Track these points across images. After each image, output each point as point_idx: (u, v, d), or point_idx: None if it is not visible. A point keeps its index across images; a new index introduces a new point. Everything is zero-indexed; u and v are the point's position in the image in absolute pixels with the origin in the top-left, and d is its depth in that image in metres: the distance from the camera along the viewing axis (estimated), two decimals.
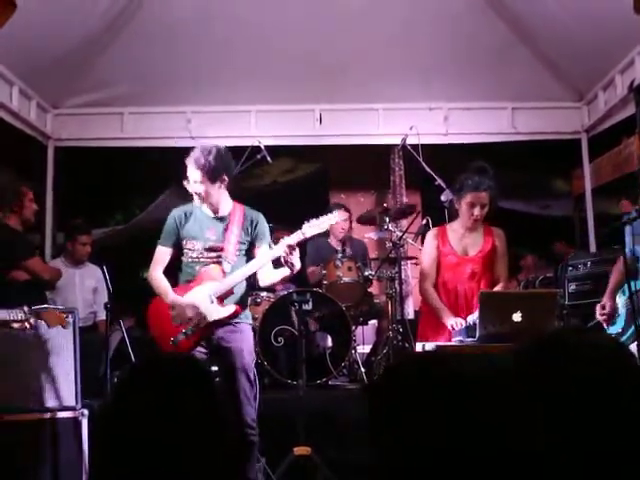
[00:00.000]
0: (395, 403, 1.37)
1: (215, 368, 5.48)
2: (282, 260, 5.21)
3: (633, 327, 5.00)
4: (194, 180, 5.28)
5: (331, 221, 5.61)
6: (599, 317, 5.51)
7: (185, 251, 5.37)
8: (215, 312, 5.26)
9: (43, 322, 5.10)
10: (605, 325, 5.47)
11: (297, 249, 5.23)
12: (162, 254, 5.45)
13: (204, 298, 5.24)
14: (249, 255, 5.45)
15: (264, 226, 5.51)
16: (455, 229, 6.02)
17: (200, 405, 1.89)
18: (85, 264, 7.92)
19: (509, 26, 8.04)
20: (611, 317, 5.43)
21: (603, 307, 5.48)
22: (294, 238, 5.23)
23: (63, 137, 9.06)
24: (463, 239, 5.98)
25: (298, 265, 5.32)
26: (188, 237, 5.36)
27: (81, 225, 8.11)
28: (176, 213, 5.46)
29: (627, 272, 4.69)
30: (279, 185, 11.15)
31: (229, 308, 5.30)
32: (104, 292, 7.11)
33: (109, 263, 6.62)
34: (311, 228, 5.34)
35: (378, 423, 1.38)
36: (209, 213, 5.41)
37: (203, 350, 5.29)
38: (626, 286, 5.26)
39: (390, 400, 1.38)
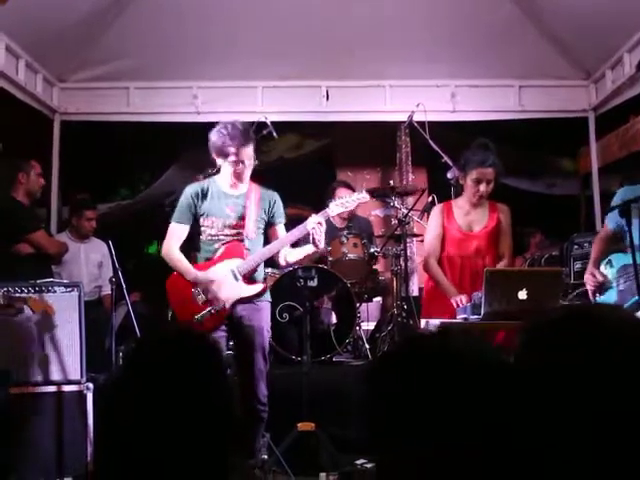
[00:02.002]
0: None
1: (230, 352, 5.52)
2: (310, 238, 5.22)
3: (630, 300, 4.99)
4: (248, 157, 5.25)
5: (359, 200, 5.63)
6: (589, 286, 5.43)
7: (203, 229, 5.33)
8: (243, 290, 5.28)
9: (27, 308, 5.11)
10: (593, 295, 5.42)
11: (324, 227, 5.25)
12: (178, 231, 5.38)
13: (228, 275, 5.25)
14: (266, 234, 5.46)
15: (280, 205, 5.52)
16: (460, 205, 6.02)
17: (207, 381, 1.90)
18: (90, 239, 7.95)
19: (517, 3, 8.00)
20: (601, 286, 5.37)
21: (594, 275, 5.39)
22: (321, 216, 5.25)
23: (69, 111, 9.04)
24: (468, 215, 5.99)
25: (323, 243, 5.35)
26: (207, 214, 5.32)
27: (86, 200, 8.12)
28: (192, 190, 5.38)
29: (633, 248, 4.67)
30: (285, 161, 11.10)
31: (257, 286, 5.34)
32: (109, 267, 7.14)
33: (114, 238, 6.63)
34: (337, 207, 5.38)
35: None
36: (227, 190, 5.37)
37: (223, 328, 5.31)
38: (612, 258, 5.36)
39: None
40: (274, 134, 7.31)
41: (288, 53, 8.54)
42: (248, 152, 5.24)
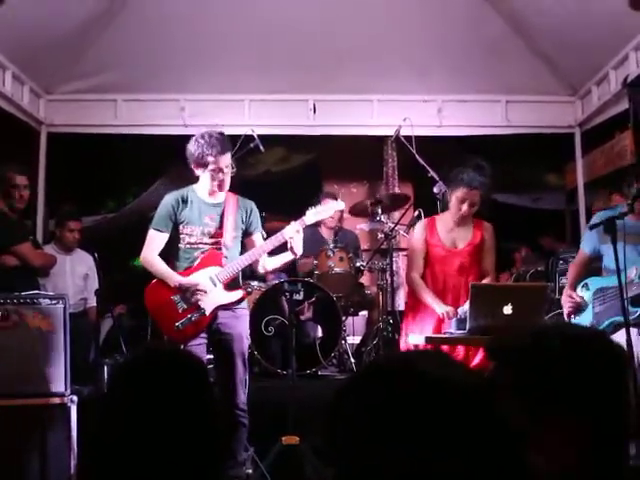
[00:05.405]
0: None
1: (210, 356, 5.53)
2: (288, 245, 5.26)
3: (607, 321, 5.15)
4: (226, 165, 5.31)
5: (335, 208, 5.68)
6: (567, 308, 5.52)
7: (182, 236, 5.35)
8: (222, 297, 5.31)
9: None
10: (569, 316, 5.51)
11: (301, 235, 5.28)
12: (157, 239, 5.40)
13: (207, 282, 5.27)
14: (243, 243, 5.50)
15: (257, 215, 5.58)
16: (445, 221, 6.03)
17: (193, 398, 1.90)
18: (76, 250, 7.92)
19: (504, 19, 8.04)
20: (579, 307, 5.45)
21: (571, 297, 5.49)
22: (298, 224, 5.29)
23: (56, 123, 9.02)
24: (452, 232, 6.00)
25: (300, 251, 5.38)
26: (186, 222, 5.35)
27: (70, 211, 8.10)
28: (172, 198, 5.43)
29: (617, 265, 4.69)
30: (272, 175, 11.13)
31: (236, 293, 5.37)
32: (95, 279, 7.12)
33: (100, 251, 6.61)
34: (314, 215, 5.42)
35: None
36: (206, 199, 5.42)
37: (203, 335, 5.32)
38: (588, 281, 5.46)
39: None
40: (261, 147, 7.32)
41: (275, 66, 8.56)
42: (226, 160, 5.31)
